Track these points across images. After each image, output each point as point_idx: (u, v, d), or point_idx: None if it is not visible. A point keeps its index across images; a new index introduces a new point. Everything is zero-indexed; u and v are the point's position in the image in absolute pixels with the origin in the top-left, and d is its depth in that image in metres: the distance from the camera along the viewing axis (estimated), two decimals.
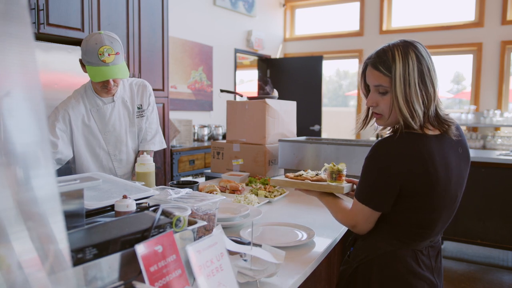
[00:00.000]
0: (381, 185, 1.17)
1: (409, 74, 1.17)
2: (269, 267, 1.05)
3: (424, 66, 1.19)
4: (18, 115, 0.57)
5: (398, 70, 1.17)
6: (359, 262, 1.27)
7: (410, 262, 1.21)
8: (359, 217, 1.24)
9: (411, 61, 1.18)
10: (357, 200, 1.23)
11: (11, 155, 0.57)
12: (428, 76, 1.19)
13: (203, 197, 1.30)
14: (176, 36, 4.92)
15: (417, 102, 1.16)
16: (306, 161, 2.41)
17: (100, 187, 1.31)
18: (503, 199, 3.54)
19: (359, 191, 1.24)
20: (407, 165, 1.14)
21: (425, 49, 1.26)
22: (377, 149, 1.20)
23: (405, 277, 1.21)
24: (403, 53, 1.21)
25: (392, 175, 1.15)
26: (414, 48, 1.22)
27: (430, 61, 1.23)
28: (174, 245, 0.86)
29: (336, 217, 1.36)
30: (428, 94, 1.18)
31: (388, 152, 1.17)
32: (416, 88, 1.16)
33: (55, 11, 2.87)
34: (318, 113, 6.61)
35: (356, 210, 1.25)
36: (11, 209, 0.56)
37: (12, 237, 0.56)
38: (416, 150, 1.15)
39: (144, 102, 2.19)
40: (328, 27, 7.26)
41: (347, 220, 1.30)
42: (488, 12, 5.81)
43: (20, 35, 0.58)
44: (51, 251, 0.61)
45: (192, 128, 4.76)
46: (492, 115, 5.50)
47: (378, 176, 1.17)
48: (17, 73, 0.57)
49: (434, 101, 1.20)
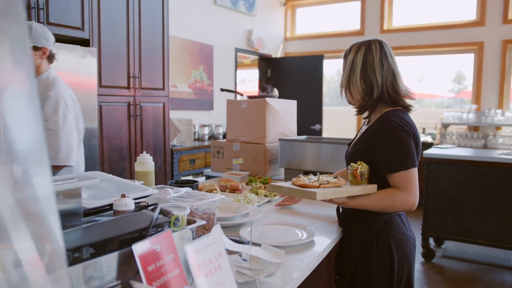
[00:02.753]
0: (412, 145, 1.39)
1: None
2: (269, 267, 1.05)
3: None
4: (12, 112, 0.57)
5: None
6: (365, 240, 1.44)
7: (401, 226, 1.46)
8: (415, 185, 1.38)
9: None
10: (406, 169, 1.36)
11: (7, 153, 0.56)
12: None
13: (202, 196, 1.30)
14: (176, 35, 4.91)
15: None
16: (307, 160, 2.41)
17: (99, 186, 1.31)
18: (504, 199, 3.53)
19: (401, 160, 1.36)
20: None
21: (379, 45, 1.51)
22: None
23: (403, 239, 1.44)
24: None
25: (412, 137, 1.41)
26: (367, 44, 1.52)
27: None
28: (172, 245, 0.85)
29: (392, 207, 1.40)
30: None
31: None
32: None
33: (55, 10, 2.87)
34: (319, 112, 6.59)
35: (408, 180, 1.36)
36: (10, 208, 0.56)
37: (10, 236, 0.56)
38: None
39: None
40: (329, 26, 7.24)
41: (408, 197, 1.37)
42: (489, 11, 5.80)
43: (15, 32, 0.57)
44: (47, 250, 0.60)
45: (192, 128, 4.75)
46: (493, 114, 5.48)
47: (409, 139, 1.39)
48: (11, 70, 0.57)
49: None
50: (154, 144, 3.83)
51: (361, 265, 1.45)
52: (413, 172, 1.38)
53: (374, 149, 1.43)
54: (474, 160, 3.63)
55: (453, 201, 3.72)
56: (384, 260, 1.42)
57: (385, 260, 1.42)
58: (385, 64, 1.46)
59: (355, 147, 1.54)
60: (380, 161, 1.41)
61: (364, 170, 1.41)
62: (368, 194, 1.41)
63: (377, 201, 1.40)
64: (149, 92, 3.75)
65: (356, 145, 1.54)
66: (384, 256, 1.42)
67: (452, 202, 3.72)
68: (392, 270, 1.42)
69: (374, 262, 1.43)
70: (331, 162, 2.31)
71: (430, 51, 6.35)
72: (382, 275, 1.42)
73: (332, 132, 7.69)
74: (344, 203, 1.44)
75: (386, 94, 1.46)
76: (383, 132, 1.41)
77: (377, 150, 1.42)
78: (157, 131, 3.86)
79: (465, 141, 5.58)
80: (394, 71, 1.48)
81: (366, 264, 1.44)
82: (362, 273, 1.45)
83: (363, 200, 1.41)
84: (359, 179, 1.42)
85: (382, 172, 1.41)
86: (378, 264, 1.42)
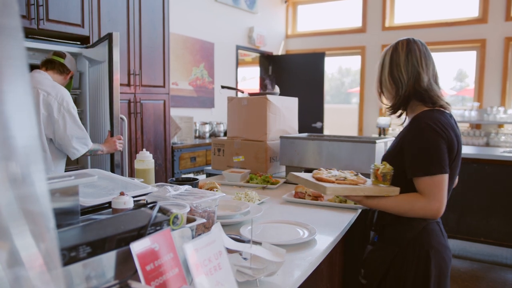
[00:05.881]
0: (443, 149, 1.32)
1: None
2: (269, 266, 1.03)
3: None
4: (7, 110, 0.55)
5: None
6: (399, 246, 1.39)
7: (439, 235, 1.42)
8: (440, 192, 1.31)
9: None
10: (431, 175, 1.30)
11: (6, 149, 0.55)
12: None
13: (202, 194, 1.28)
14: (177, 32, 4.89)
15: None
16: (308, 158, 2.39)
17: (98, 183, 1.29)
18: (507, 197, 3.51)
19: (427, 164, 1.30)
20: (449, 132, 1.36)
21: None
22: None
23: (441, 250, 1.40)
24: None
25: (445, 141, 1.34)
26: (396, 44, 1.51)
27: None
28: (171, 243, 0.84)
29: (412, 212, 1.35)
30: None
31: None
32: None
33: (55, 6, 2.85)
34: (320, 110, 6.57)
35: (432, 187, 1.30)
36: (10, 204, 0.54)
37: (10, 233, 0.54)
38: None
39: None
40: (330, 23, 7.21)
41: (430, 205, 1.31)
42: (492, 8, 5.76)
43: (8, 26, 0.55)
44: (42, 249, 0.59)
45: (193, 125, 4.73)
46: (495, 112, 5.46)
47: (440, 142, 1.32)
48: (5, 65, 0.55)
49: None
50: (154, 141, 3.81)
51: (392, 272, 1.41)
52: (439, 178, 1.31)
53: (404, 151, 1.40)
54: (477, 158, 3.60)
55: (455, 199, 3.69)
56: (420, 271, 1.37)
57: (421, 271, 1.37)
58: (410, 61, 1.43)
59: (389, 148, 1.53)
60: (407, 163, 1.37)
61: (386, 171, 1.38)
62: (388, 196, 1.38)
63: (396, 204, 1.36)
64: (149, 90, 3.73)
65: (391, 146, 1.53)
66: (419, 266, 1.37)
67: (455, 200, 3.69)
68: (428, 283, 1.36)
69: (409, 272, 1.37)
70: (332, 160, 2.29)
71: (432, 48, 6.29)
72: (416, 286, 1.37)
73: (333, 130, 7.67)
74: (361, 201, 1.42)
75: (413, 91, 1.43)
76: (413, 132, 1.37)
77: (405, 151, 1.38)
78: (158, 128, 3.85)
79: (467, 139, 5.55)
80: (420, 68, 1.43)
81: (398, 272, 1.39)
82: (393, 281, 1.40)
83: (381, 201, 1.38)
84: (380, 179, 1.39)
85: (408, 174, 1.37)
86: (414, 274, 1.37)
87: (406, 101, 1.46)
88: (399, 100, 1.46)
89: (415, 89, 1.43)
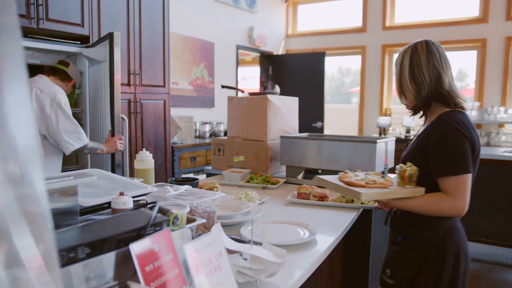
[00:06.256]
0: (467, 150, 1.36)
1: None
2: (270, 267, 1.02)
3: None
4: (6, 109, 0.55)
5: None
6: (430, 247, 1.41)
7: (463, 234, 1.46)
8: (465, 191, 1.35)
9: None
10: (456, 175, 1.34)
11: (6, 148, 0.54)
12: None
13: (202, 194, 1.28)
14: (177, 32, 4.88)
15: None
16: (308, 158, 2.38)
17: (97, 183, 1.29)
18: (507, 197, 3.50)
19: (453, 165, 1.33)
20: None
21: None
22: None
23: (466, 249, 1.44)
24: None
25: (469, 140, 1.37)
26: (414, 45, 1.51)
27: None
28: (171, 244, 0.83)
29: (438, 211, 1.38)
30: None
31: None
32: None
33: (55, 6, 2.84)
34: (321, 110, 6.56)
35: (457, 186, 1.34)
36: (9, 204, 0.54)
37: (10, 233, 0.54)
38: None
39: None
40: (330, 23, 7.20)
41: (456, 204, 1.35)
42: (492, 7, 5.75)
43: (6, 25, 0.55)
44: (41, 250, 0.58)
45: (193, 125, 4.73)
46: (496, 111, 5.45)
47: (464, 143, 1.36)
48: (3, 64, 0.55)
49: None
50: (154, 141, 3.81)
51: (424, 272, 1.42)
52: (464, 178, 1.36)
53: (428, 151, 1.42)
54: None
55: None
56: (450, 269, 1.41)
57: (450, 270, 1.41)
58: (431, 62, 1.46)
59: (410, 148, 1.53)
60: (432, 163, 1.40)
61: (413, 173, 1.39)
62: (415, 196, 1.39)
63: (424, 204, 1.39)
64: (149, 89, 3.72)
65: (412, 146, 1.53)
66: (450, 265, 1.41)
67: None
68: (456, 282, 1.41)
69: (442, 271, 1.40)
70: (333, 160, 2.28)
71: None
72: (451, 286, 1.41)
73: (334, 130, 7.66)
74: (388, 203, 1.43)
75: (436, 92, 1.45)
76: (438, 133, 1.40)
77: (430, 152, 1.41)
78: (158, 128, 3.84)
79: None
80: (441, 68, 1.46)
81: (431, 271, 1.41)
82: (426, 280, 1.42)
83: (409, 202, 1.40)
84: (407, 181, 1.41)
85: (434, 175, 1.40)
86: (446, 273, 1.40)
87: (428, 103, 1.48)
88: (420, 101, 1.48)
89: (437, 90, 1.45)
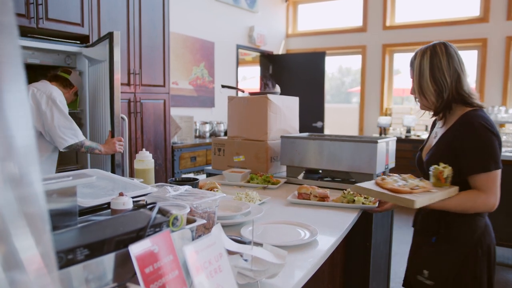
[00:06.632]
0: (496, 146, 1.41)
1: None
2: (271, 268, 1.01)
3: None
4: (5, 109, 0.54)
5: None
6: (470, 246, 1.43)
7: (492, 230, 1.50)
8: (496, 187, 1.40)
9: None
10: (488, 171, 1.38)
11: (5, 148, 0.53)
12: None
13: (202, 195, 1.27)
14: (177, 31, 4.87)
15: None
16: (309, 158, 2.37)
17: (97, 184, 1.28)
18: (509, 197, 3.48)
19: (484, 162, 1.38)
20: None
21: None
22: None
23: (495, 244, 1.49)
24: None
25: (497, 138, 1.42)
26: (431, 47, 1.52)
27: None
28: (171, 245, 0.82)
29: (473, 208, 1.41)
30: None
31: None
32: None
33: (54, 5, 2.83)
34: (321, 109, 6.55)
35: (489, 182, 1.38)
36: (10, 205, 0.53)
37: (10, 234, 0.53)
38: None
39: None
40: (331, 22, 7.19)
41: (489, 199, 1.39)
42: (493, 7, 5.74)
43: (3, 24, 0.54)
44: (41, 251, 0.57)
45: (193, 125, 4.72)
46: (497, 111, 5.43)
47: (493, 139, 1.40)
48: (0, 64, 0.54)
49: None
50: (154, 141, 3.80)
51: (467, 272, 1.43)
52: (496, 174, 1.40)
53: (457, 151, 1.43)
54: None
55: None
56: (487, 267, 1.44)
57: (487, 267, 1.44)
58: (451, 64, 1.48)
59: (435, 150, 1.53)
60: (463, 162, 1.42)
61: (449, 173, 1.42)
62: (450, 196, 1.42)
63: (460, 203, 1.41)
64: (149, 89, 3.72)
65: (436, 147, 1.54)
66: (486, 263, 1.44)
67: None
68: (492, 279, 1.44)
69: (483, 268, 1.43)
70: (333, 160, 2.27)
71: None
72: (490, 283, 1.44)
73: (334, 130, 7.65)
74: (434, 205, 1.44)
75: (457, 94, 1.48)
76: (467, 132, 1.42)
77: (460, 151, 1.42)
78: (158, 128, 3.83)
79: None
80: (460, 71, 1.49)
81: (473, 271, 1.43)
82: (469, 280, 1.43)
83: (446, 202, 1.41)
84: (443, 181, 1.42)
85: (465, 173, 1.41)
86: (486, 270, 1.43)
87: (449, 105, 1.50)
88: (442, 103, 1.50)
89: (458, 92, 1.47)
